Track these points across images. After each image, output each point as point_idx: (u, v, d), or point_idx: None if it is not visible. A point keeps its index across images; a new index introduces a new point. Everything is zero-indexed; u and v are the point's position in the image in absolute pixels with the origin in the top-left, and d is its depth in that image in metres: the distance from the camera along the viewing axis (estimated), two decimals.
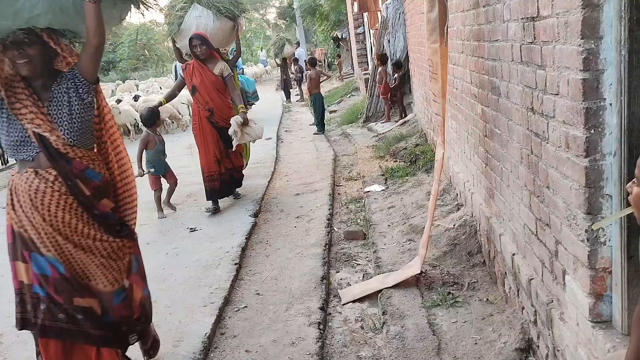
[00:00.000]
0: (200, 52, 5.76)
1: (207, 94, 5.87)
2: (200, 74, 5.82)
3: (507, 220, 3.20)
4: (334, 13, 23.84)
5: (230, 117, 5.77)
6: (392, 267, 4.13)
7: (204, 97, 5.89)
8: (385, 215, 5.38)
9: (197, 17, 6.36)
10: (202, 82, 5.82)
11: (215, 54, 5.95)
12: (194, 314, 3.72)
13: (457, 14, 4.12)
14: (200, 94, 5.90)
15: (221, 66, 5.85)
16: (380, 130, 9.95)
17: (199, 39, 5.75)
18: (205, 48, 5.76)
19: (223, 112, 5.95)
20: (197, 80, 5.84)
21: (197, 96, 5.93)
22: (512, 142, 2.95)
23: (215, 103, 5.89)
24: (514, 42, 2.71)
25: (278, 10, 50.29)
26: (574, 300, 2.23)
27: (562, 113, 2.16)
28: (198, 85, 5.84)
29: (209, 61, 5.86)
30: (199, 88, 5.86)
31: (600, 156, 1.98)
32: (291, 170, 8.09)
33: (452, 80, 4.65)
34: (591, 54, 1.92)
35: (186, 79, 5.93)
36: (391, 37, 10.46)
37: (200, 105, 5.95)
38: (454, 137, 4.95)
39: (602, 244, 2.04)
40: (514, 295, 3.12)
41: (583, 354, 2.13)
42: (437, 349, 3.01)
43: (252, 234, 5.31)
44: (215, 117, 5.92)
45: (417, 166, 6.72)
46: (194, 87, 5.87)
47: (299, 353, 3.21)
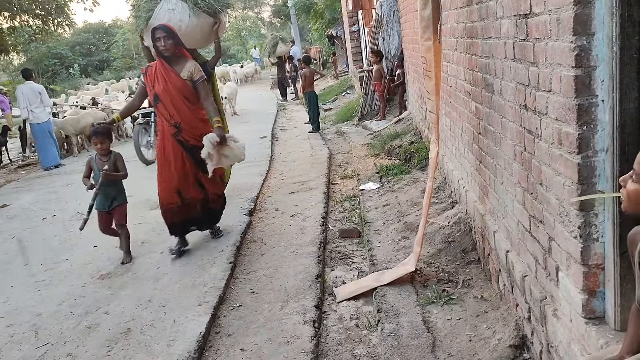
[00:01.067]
0: (165, 47, 4.53)
1: (173, 105, 4.61)
2: (165, 78, 4.59)
3: (501, 217, 3.20)
4: (328, 11, 23.84)
5: (204, 134, 4.60)
6: (387, 264, 4.14)
7: (169, 108, 4.62)
8: (380, 213, 5.38)
9: (170, 11, 5.46)
10: (167, 88, 4.58)
11: (185, 52, 4.78)
12: (189, 313, 3.72)
13: (450, 12, 4.12)
14: (163, 105, 4.62)
15: (191, 68, 4.66)
16: (375, 128, 9.95)
17: (164, 30, 4.57)
18: (171, 43, 4.56)
19: (194, 128, 4.70)
20: (160, 87, 4.59)
21: (160, 107, 4.65)
22: (505, 139, 2.95)
23: (184, 116, 4.64)
24: (507, 39, 2.71)
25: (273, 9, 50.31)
26: (567, 296, 2.24)
27: (555, 110, 2.16)
28: (161, 92, 4.60)
29: (176, 61, 4.67)
30: (162, 96, 4.61)
31: (592, 153, 1.99)
32: (286, 168, 8.08)
33: (446, 78, 4.65)
34: (583, 51, 1.92)
35: (147, 84, 4.71)
36: (386, 34, 10.46)
37: (165, 118, 4.67)
38: (448, 134, 4.96)
39: (594, 241, 2.05)
40: (508, 292, 3.12)
41: (576, 350, 2.14)
42: (432, 346, 3.02)
43: (247, 232, 5.30)
44: (183, 134, 4.67)
45: (412, 164, 6.73)
46: (156, 96, 4.63)
47: (294, 351, 3.21)
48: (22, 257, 5.38)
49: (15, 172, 11.26)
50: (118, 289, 4.27)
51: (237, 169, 8.08)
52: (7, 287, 4.63)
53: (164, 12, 5.44)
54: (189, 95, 4.67)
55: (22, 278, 4.81)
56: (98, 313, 3.90)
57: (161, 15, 5.40)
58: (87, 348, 3.44)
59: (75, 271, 4.75)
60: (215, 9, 5.63)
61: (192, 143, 4.66)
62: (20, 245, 5.78)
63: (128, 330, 3.60)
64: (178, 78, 4.61)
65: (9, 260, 5.34)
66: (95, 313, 3.90)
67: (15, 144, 13.91)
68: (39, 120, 10.27)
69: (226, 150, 4.64)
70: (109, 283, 4.40)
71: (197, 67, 4.71)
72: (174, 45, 4.61)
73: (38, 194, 8.27)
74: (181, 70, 4.64)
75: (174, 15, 5.42)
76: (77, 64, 39.89)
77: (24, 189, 8.92)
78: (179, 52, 4.69)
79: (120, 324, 3.70)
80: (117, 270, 4.65)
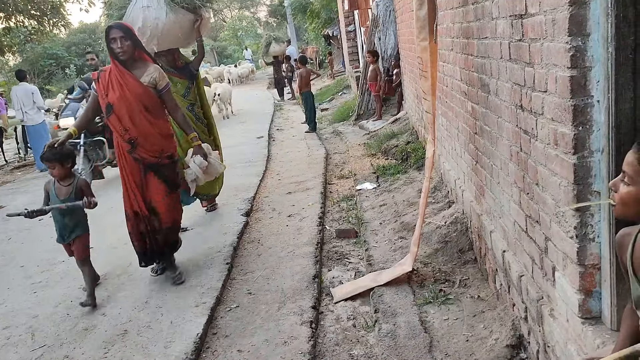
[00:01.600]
0: (122, 49, 3.89)
1: (129, 116, 3.94)
2: (120, 84, 3.93)
3: (498, 217, 3.21)
4: (324, 11, 23.81)
5: (165, 151, 4.09)
6: (383, 265, 4.14)
7: (124, 120, 3.95)
8: (376, 213, 5.38)
9: (145, 8, 4.95)
10: (123, 96, 3.92)
11: (144, 56, 4.10)
12: (186, 314, 3.71)
13: (446, 12, 4.13)
14: (117, 116, 3.96)
15: (153, 73, 4.01)
16: (371, 128, 9.95)
17: (120, 29, 3.91)
18: (129, 45, 3.92)
19: (153, 144, 4.04)
20: (115, 95, 3.93)
21: (113, 120, 3.98)
22: (501, 140, 2.96)
23: (141, 129, 3.98)
24: (503, 39, 2.72)
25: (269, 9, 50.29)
26: (563, 296, 2.24)
27: (551, 110, 2.16)
28: (116, 101, 3.93)
29: (135, 65, 4.01)
30: (116, 106, 3.94)
31: (588, 153, 1.99)
32: (283, 168, 8.08)
33: (442, 78, 4.65)
34: (579, 51, 1.92)
35: (99, 92, 4.02)
36: (382, 34, 10.46)
37: (118, 133, 4.02)
38: (445, 134, 4.96)
39: (591, 241, 2.05)
40: (504, 292, 3.13)
41: (573, 350, 2.14)
42: (429, 347, 3.02)
43: (243, 233, 5.30)
44: (139, 150, 4.01)
45: (409, 164, 6.74)
46: (109, 106, 3.96)
47: (291, 352, 3.20)
48: (18, 258, 5.36)
49: (11, 173, 11.22)
50: (115, 291, 4.26)
51: (234, 169, 8.11)
52: (4, 289, 4.61)
53: (138, 9, 4.99)
54: (151, 105, 4.01)
55: (18, 280, 4.79)
56: (95, 315, 3.89)
57: (135, 13, 4.98)
58: (83, 350, 3.43)
59: (71, 273, 4.73)
60: (195, 4, 5.18)
61: (151, 161, 4.05)
62: (16, 246, 5.76)
63: (125, 331, 3.59)
64: (137, 84, 3.96)
65: (5, 262, 5.32)
66: (91, 315, 3.89)
67: (11, 144, 13.87)
68: (33, 122, 10.25)
69: (207, 166, 4.36)
70: (105, 285, 4.39)
71: (161, 73, 4.06)
72: (132, 47, 3.96)
73: (34, 195, 8.23)
74: (141, 75, 3.99)
75: (150, 13, 4.97)
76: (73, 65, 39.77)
77: (19, 190, 8.89)
78: (139, 55, 4.05)
79: (117, 325, 3.69)
80: (114, 272, 4.64)
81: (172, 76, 5.20)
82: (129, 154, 4.04)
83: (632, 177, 1.38)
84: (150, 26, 5.02)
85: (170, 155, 4.18)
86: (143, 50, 4.13)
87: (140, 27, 4.93)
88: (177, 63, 5.49)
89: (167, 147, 4.13)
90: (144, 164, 4.06)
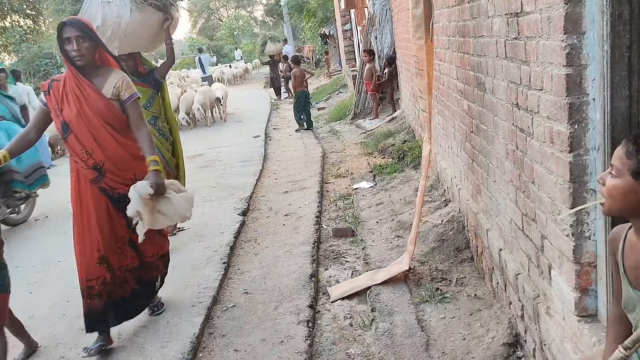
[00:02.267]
0: (79, 52, 3.12)
1: (92, 136, 3.21)
2: (78, 99, 3.19)
3: (494, 215, 3.21)
4: (321, 10, 23.83)
5: (140, 176, 3.28)
6: (380, 263, 4.14)
7: (86, 141, 3.21)
8: (373, 212, 5.38)
9: (104, 4, 4.28)
10: (82, 112, 3.18)
11: (108, 59, 3.35)
12: (182, 313, 3.70)
13: (442, 10, 4.12)
14: (77, 137, 3.21)
15: (117, 81, 3.26)
16: (368, 126, 9.95)
17: (77, 27, 3.12)
18: (88, 46, 3.15)
19: (125, 170, 3.31)
20: (72, 111, 3.18)
21: (72, 141, 3.22)
22: (497, 138, 2.96)
23: (109, 152, 3.25)
24: (499, 37, 2.72)
25: (265, 8, 50.27)
26: (560, 294, 2.24)
27: (546, 108, 2.16)
28: (74, 119, 3.18)
29: (95, 72, 3.26)
30: (74, 124, 3.20)
31: (584, 151, 1.99)
32: (279, 168, 8.07)
33: (438, 77, 4.65)
34: (574, 49, 1.92)
35: (50, 107, 3.24)
36: (378, 33, 10.47)
37: (79, 157, 3.24)
38: (441, 133, 4.96)
39: (587, 239, 2.05)
40: (501, 290, 3.13)
41: (569, 348, 2.15)
42: (426, 345, 3.02)
43: (240, 232, 5.29)
44: (107, 179, 3.26)
45: (405, 162, 6.74)
46: (66, 125, 3.20)
47: (288, 351, 3.20)
48: (14, 259, 5.34)
49: None
50: None
51: (231, 168, 8.10)
52: None
53: (97, 4, 4.30)
54: (116, 122, 3.28)
55: (14, 280, 4.75)
56: None
57: (93, 9, 4.28)
58: (80, 350, 3.41)
59: (67, 273, 4.71)
60: (165, 2, 4.55)
61: (122, 191, 3.24)
62: (12, 247, 5.73)
63: (121, 332, 3.58)
64: (99, 97, 3.21)
65: None
66: None
67: None
68: None
69: (163, 204, 3.23)
70: None
71: (125, 80, 3.30)
72: (93, 49, 3.20)
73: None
74: (103, 84, 3.24)
75: (111, 10, 4.27)
76: None
77: None
78: (101, 59, 3.30)
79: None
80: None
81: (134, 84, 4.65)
82: (93, 184, 3.25)
83: (620, 169, 1.38)
84: (111, 25, 4.34)
85: None
86: (106, 51, 3.34)
87: (99, 25, 4.23)
88: (140, 69, 4.77)
89: (141, 172, 3.31)
90: (112, 196, 3.28)
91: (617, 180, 1.39)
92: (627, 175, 1.37)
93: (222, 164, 8.51)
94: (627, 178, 1.37)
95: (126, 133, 3.34)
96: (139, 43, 4.59)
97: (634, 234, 1.46)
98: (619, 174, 1.39)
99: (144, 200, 3.10)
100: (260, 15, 53.87)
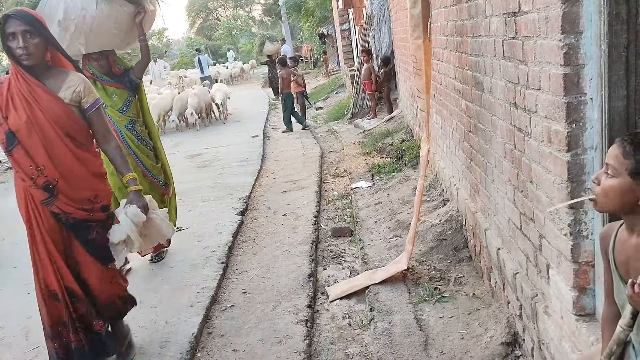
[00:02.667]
0: (26, 50, 2.63)
1: (44, 148, 2.70)
2: (28, 103, 2.68)
3: (492, 215, 3.21)
4: (319, 9, 23.84)
5: (100, 198, 2.86)
6: (379, 263, 4.14)
7: (36, 155, 2.70)
8: (372, 211, 5.38)
9: None
10: (33, 119, 2.68)
11: (62, 60, 2.85)
12: (181, 314, 3.70)
13: (440, 10, 4.13)
14: (25, 149, 2.70)
15: (76, 84, 2.76)
16: (366, 126, 9.96)
17: (23, 20, 2.64)
18: (38, 43, 2.67)
19: (82, 189, 2.80)
20: (20, 118, 2.67)
21: (19, 154, 2.71)
22: (495, 137, 2.96)
23: (63, 168, 2.74)
24: (496, 37, 2.72)
25: (264, 7, 50.25)
26: (558, 293, 2.25)
27: (544, 108, 2.17)
28: (22, 127, 2.68)
29: (47, 73, 2.76)
30: (22, 134, 2.68)
31: (581, 150, 1.99)
32: (278, 167, 8.07)
33: (437, 76, 4.66)
34: (572, 49, 1.92)
35: None
36: (376, 33, 10.47)
37: (26, 174, 2.73)
38: (439, 132, 4.97)
39: (584, 238, 2.06)
40: (499, 289, 3.13)
41: (567, 347, 2.15)
42: (425, 345, 3.02)
43: (239, 232, 5.29)
44: (60, 202, 2.74)
45: (404, 162, 6.74)
46: (11, 135, 2.68)
47: (287, 351, 3.20)
48: (11, 259, 5.33)
49: (4, 173, 11.16)
50: None
51: (229, 168, 8.10)
52: None
53: None
54: (77, 132, 2.78)
55: (11, 280, 4.77)
56: None
57: (53, 2, 3.85)
58: None
59: None
60: None
61: (78, 216, 2.78)
62: (9, 247, 5.73)
63: None
64: (55, 101, 2.70)
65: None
66: None
67: None
68: None
69: (147, 226, 2.95)
70: None
71: (87, 84, 2.81)
72: (43, 47, 2.71)
73: None
74: (59, 86, 2.73)
75: (73, 3, 3.85)
76: None
77: (13, 190, 8.83)
78: (53, 59, 2.81)
79: None
80: None
81: (108, 86, 4.25)
82: (44, 206, 2.75)
83: (617, 168, 1.39)
84: (75, 19, 3.88)
85: (106, 206, 2.92)
86: (60, 51, 2.85)
87: (61, 20, 3.84)
88: (114, 69, 4.34)
89: (101, 193, 2.88)
90: (67, 221, 2.78)
91: (614, 180, 1.40)
92: (625, 174, 1.37)
93: (220, 164, 8.51)
94: (625, 178, 1.37)
95: (88, 146, 2.86)
96: (108, 40, 4.14)
97: (625, 230, 1.47)
98: (616, 174, 1.39)
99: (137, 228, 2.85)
100: (259, 15, 53.84)
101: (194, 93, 12.81)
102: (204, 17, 55.12)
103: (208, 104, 13.22)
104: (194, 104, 12.29)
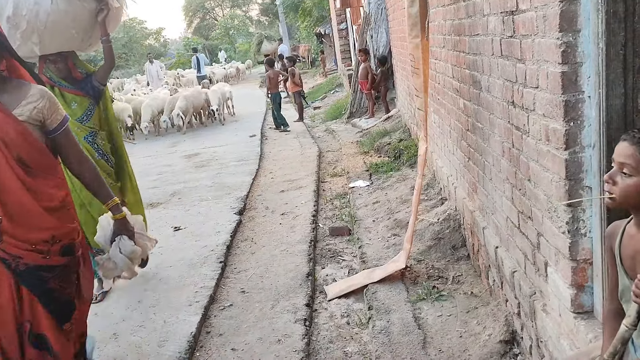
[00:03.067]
0: None
1: None
2: None
3: (490, 213, 3.22)
4: (316, 9, 23.82)
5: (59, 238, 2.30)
6: (377, 262, 4.14)
7: None
8: (370, 210, 5.39)
9: None
10: None
11: (21, 70, 2.41)
12: (179, 313, 3.70)
13: (437, 9, 4.13)
14: None
15: (39, 101, 2.27)
16: (364, 125, 9.96)
17: None
18: None
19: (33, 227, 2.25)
20: None
21: None
22: (493, 136, 2.96)
23: (11, 201, 2.19)
24: (494, 36, 2.72)
25: (261, 7, 50.22)
26: (556, 291, 2.25)
27: (542, 106, 2.17)
28: None
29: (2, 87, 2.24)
30: None
31: (579, 148, 2.00)
32: (276, 167, 8.06)
33: (434, 75, 4.66)
34: (569, 47, 1.93)
35: None
36: (374, 32, 10.47)
37: None
38: (437, 131, 4.97)
39: (582, 236, 2.06)
40: (497, 287, 3.14)
41: (565, 345, 2.16)
42: (423, 343, 3.03)
43: (237, 231, 5.29)
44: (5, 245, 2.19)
45: (401, 161, 6.75)
46: None
47: (285, 350, 3.20)
48: None
49: None
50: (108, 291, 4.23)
51: (227, 168, 8.09)
52: None
53: None
54: (31, 157, 2.25)
55: None
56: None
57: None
58: None
59: None
60: None
61: (30, 260, 2.23)
62: None
63: (118, 331, 3.58)
64: (8, 119, 2.18)
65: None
66: None
67: None
68: None
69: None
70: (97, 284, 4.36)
71: (51, 100, 2.33)
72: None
73: None
74: (16, 103, 2.23)
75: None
76: None
77: None
78: (10, 68, 2.35)
79: (110, 325, 3.67)
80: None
81: (66, 92, 3.79)
82: None
83: (635, 167, 1.38)
84: (26, 15, 3.43)
85: (69, 246, 2.37)
86: (16, 59, 2.38)
87: (10, 15, 3.40)
88: (74, 73, 3.87)
89: (60, 231, 2.32)
90: (16, 269, 2.22)
91: (633, 179, 1.39)
92: None
93: (218, 164, 8.50)
94: None
95: (45, 175, 2.30)
96: (66, 39, 3.67)
97: (634, 225, 1.47)
98: (635, 172, 1.38)
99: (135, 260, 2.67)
100: (256, 14, 53.80)
101: (184, 96, 12.46)
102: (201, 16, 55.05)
103: (201, 106, 12.96)
104: (181, 106, 11.99)
